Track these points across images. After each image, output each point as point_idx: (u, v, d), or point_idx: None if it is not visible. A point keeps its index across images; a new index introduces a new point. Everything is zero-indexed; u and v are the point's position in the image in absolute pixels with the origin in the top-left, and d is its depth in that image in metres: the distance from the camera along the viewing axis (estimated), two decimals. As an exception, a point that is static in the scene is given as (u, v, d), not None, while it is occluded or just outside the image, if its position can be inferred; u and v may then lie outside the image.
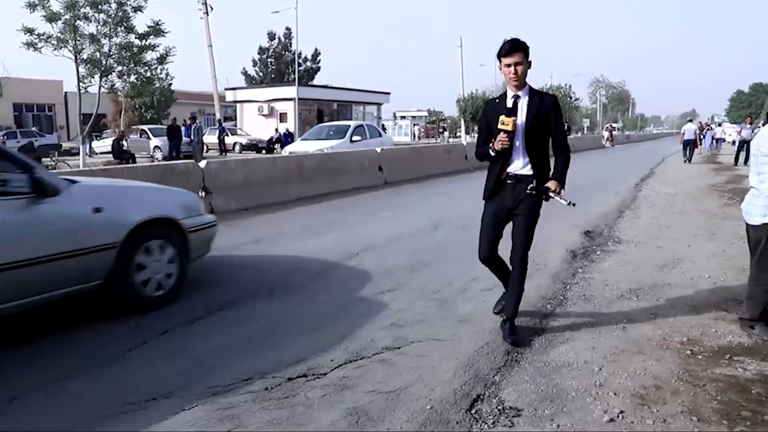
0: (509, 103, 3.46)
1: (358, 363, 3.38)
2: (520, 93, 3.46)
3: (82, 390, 3.05)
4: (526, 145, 3.45)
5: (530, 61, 3.42)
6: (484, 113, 3.68)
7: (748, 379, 3.20)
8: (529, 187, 3.45)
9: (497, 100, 3.62)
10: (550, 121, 3.47)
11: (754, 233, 3.79)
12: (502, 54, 3.38)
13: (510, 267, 3.71)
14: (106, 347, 3.58)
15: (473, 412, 2.83)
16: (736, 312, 4.07)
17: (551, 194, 3.38)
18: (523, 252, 3.60)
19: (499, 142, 3.38)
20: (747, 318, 3.86)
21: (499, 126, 3.37)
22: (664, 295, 4.72)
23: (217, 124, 30.82)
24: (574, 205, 3.42)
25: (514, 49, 3.35)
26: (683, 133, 22.79)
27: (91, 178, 4.62)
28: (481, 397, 2.98)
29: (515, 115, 3.41)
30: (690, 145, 22.19)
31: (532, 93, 3.49)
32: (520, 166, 3.50)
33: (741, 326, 3.88)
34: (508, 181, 3.54)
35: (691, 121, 24.78)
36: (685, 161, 21.75)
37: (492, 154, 3.50)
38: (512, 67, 3.35)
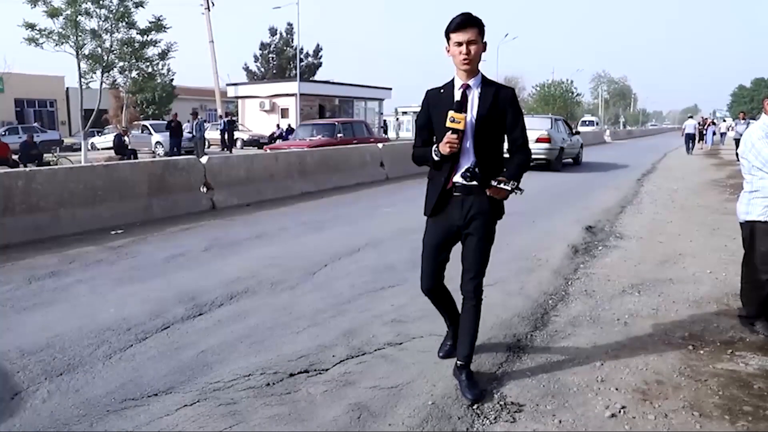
0: (458, 95, 2.81)
1: (359, 358, 3.39)
2: (470, 82, 2.81)
3: (84, 385, 3.05)
4: (477, 147, 2.80)
5: (485, 43, 2.79)
6: (425, 105, 2.99)
7: (750, 374, 3.20)
8: (464, 170, 2.81)
9: (441, 90, 2.92)
10: (507, 118, 2.83)
11: (742, 231, 3.85)
12: (452, 29, 2.73)
13: (461, 300, 3.02)
14: (108, 342, 3.59)
15: (475, 407, 2.83)
16: (738, 307, 4.07)
17: (493, 182, 2.70)
18: (478, 279, 2.93)
19: (447, 143, 2.72)
20: (745, 316, 3.87)
21: (448, 123, 2.72)
22: (666, 290, 4.71)
23: (220, 120, 30.80)
24: (521, 190, 2.73)
25: (468, 23, 2.71)
26: (684, 128, 25.21)
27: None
28: (483, 392, 2.98)
29: (466, 111, 2.78)
30: (691, 139, 24.55)
31: (486, 83, 2.84)
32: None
33: (741, 323, 3.89)
34: (456, 193, 2.87)
35: (691, 117, 27.24)
36: (688, 152, 23.86)
37: (436, 158, 2.84)
38: (464, 46, 2.71)
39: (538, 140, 14.79)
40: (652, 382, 3.10)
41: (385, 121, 41.01)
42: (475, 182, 2.80)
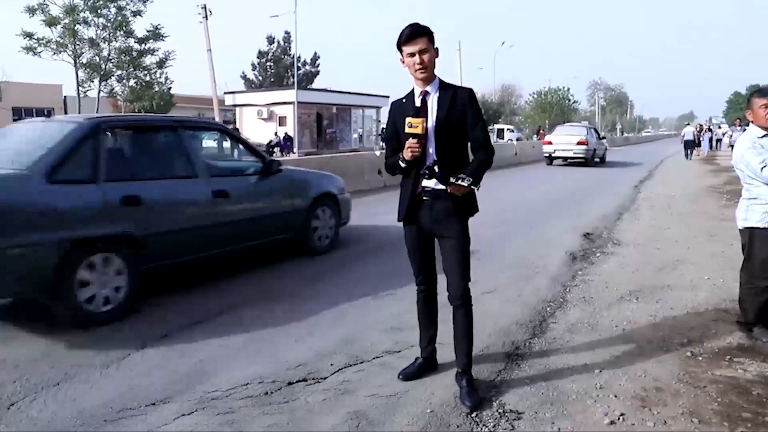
0: (417, 102, 2.91)
1: (358, 367, 3.38)
2: (428, 88, 2.90)
3: (82, 395, 3.04)
4: (439, 150, 2.86)
5: (437, 49, 2.89)
6: (390, 116, 3.10)
7: (749, 380, 3.20)
8: (425, 167, 2.84)
9: (404, 100, 3.01)
10: (467, 119, 2.89)
11: (741, 237, 3.86)
12: (402, 42, 2.83)
13: (452, 310, 3.05)
14: (106, 351, 3.58)
15: (474, 415, 2.83)
16: (736, 313, 4.07)
17: (452, 178, 2.74)
18: (463, 282, 2.97)
19: (408, 149, 2.80)
20: (743, 322, 3.88)
21: (407, 129, 2.79)
22: (664, 296, 4.72)
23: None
24: (476, 187, 2.77)
25: (417, 33, 2.81)
26: (683, 135, 26.33)
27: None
28: (482, 400, 2.97)
29: (424, 115, 2.85)
30: (689, 145, 25.36)
31: (443, 87, 2.93)
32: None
33: (740, 329, 3.89)
34: (425, 198, 2.94)
35: (688, 124, 29.14)
36: (687, 158, 24.60)
37: (402, 165, 2.91)
38: (417, 56, 2.80)
39: (579, 143, 19.97)
40: (651, 388, 3.09)
41: (383, 128, 41.06)
42: (434, 179, 2.84)
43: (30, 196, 3.83)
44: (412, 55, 2.82)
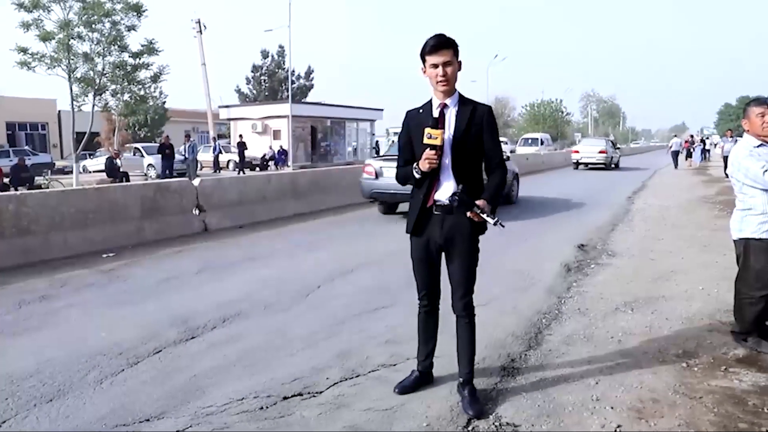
0: (435, 113, 2.86)
1: (354, 380, 3.36)
2: (448, 101, 2.87)
3: (75, 411, 3.01)
4: (455, 164, 2.85)
5: (460, 62, 2.84)
6: (406, 126, 3.04)
7: (744, 390, 3.20)
8: (451, 194, 2.81)
9: (420, 110, 2.98)
10: (484, 136, 2.88)
11: (735, 248, 3.88)
12: (427, 52, 2.79)
13: (455, 320, 3.08)
14: (99, 367, 3.55)
15: (470, 429, 2.81)
16: (730, 324, 4.08)
17: (477, 210, 2.74)
18: (467, 297, 2.99)
19: (426, 160, 2.78)
20: (738, 332, 3.89)
21: (425, 140, 2.77)
22: (659, 307, 4.73)
23: (213, 142, 30.91)
24: (503, 226, 2.79)
25: (443, 45, 2.77)
26: (671, 146, 28.88)
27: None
28: (485, 409, 2.95)
29: (442, 127, 2.82)
30: (675, 155, 27.61)
31: (463, 102, 2.90)
32: (449, 192, 2.85)
33: (734, 339, 3.90)
34: (436, 212, 2.92)
35: (676, 136, 32.33)
36: (676, 167, 26.40)
37: (417, 176, 2.89)
38: (440, 68, 2.77)
39: (600, 152, 26.01)
40: (647, 400, 3.09)
41: (377, 141, 41.22)
42: (462, 206, 2.79)
43: None
44: (435, 66, 2.79)
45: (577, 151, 27.25)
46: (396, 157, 3.22)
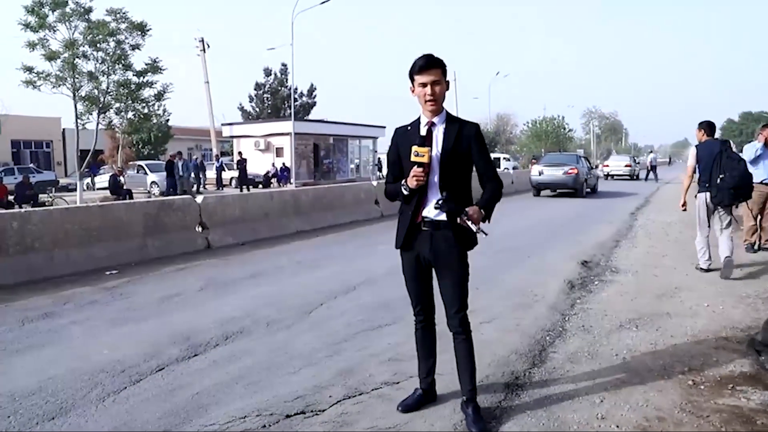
0: (423, 131, 2.92)
1: (356, 399, 3.34)
2: (435, 120, 2.92)
3: (77, 429, 2.99)
4: (443, 181, 2.87)
5: (448, 82, 2.92)
6: (394, 143, 3.09)
7: (752, 409, 3.17)
8: (436, 201, 2.82)
9: (408, 128, 3.03)
10: (472, 153, 2.93)
11: None
12: (416, 71, 2.85)
13: (452, 337, 3.08)
14: (102, 385, 3.53)
15: (474, 447, 2.78)
16: (737, 341, 4.05)
17: (465, 217, 2.73)
18: (462, 313, 3.00)
19: (413, 177, 2.81)
20: (760, 341, 3.82)
21: (413, 158, 2.81)
22: (664, 324, 4.70)
23: (216, 159, 31.05)
24: (485, 234, 2.76)
25: (431, 65, 2.83)
26: (650, 161, 33.35)
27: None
28: (489, 426, 2.93)
29: (429, 144, 2.87)
30: (654, 169, 32.15)
31: (450, 120, 2.95)
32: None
33: (747, 346, 3.83)
34: (424, 228, 2.94)
35: (651, 152, 39.84)
36: (656, 180, 29.53)
37: (405, 192, 2.92)
38: (428, 87, 2.83)
39: (626, 166, 34.52)
40: (653, 418, 3.06)
41: (380, 159, 41.29)
42: (446, 212, 2.79)
43: None
44: (423, 85, 2.84)
45: (608, 165, 35.62)
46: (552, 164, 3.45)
